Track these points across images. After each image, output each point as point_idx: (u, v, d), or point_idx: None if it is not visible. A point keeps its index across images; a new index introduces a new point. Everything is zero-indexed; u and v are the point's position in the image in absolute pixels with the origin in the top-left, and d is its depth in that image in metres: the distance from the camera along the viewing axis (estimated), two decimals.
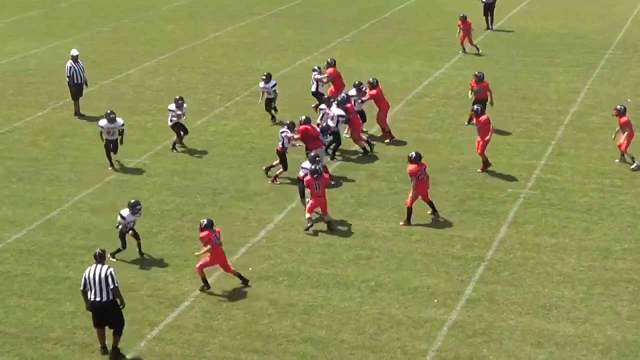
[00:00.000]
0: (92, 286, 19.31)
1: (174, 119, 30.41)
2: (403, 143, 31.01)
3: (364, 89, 31.41)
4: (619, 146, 29.08)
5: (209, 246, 21.97)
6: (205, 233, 21.94)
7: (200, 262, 22.20)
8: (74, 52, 34.28)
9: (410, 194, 25.31)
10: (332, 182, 27.34)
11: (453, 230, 25.17)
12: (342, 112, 29.53)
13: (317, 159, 25.83)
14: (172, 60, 41.54)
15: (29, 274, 23.22)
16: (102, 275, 19.26)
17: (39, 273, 23.22)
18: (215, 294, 22.12)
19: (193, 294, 22.11)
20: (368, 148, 30.27)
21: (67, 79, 34.07)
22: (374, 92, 31.14)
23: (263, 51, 42.81)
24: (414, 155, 25.36)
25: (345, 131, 31.09)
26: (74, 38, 44.84)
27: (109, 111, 28.94)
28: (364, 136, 30.90)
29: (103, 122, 28.83)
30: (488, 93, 31.77)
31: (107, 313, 19.44)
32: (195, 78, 38.74)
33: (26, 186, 28.21)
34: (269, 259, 23.75)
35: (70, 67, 33.91)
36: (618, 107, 29.08)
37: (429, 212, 25.72)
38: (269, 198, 27.12)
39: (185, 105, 30.63)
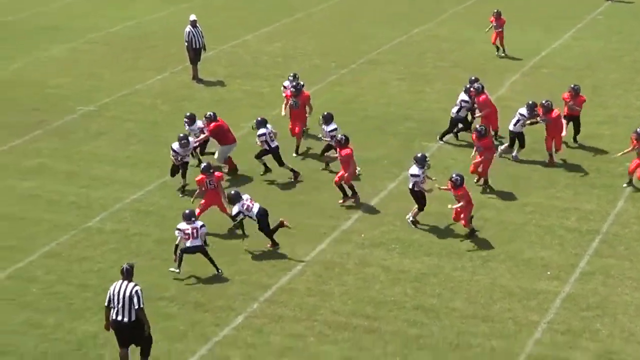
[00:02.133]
0: (116, 304, 17.63)
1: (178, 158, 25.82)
2: None
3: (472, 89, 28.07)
4: (630, 172, 25.49)
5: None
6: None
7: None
8: (193, 17, 34.59)
9: (340, 174, 24.66)
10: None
11: (568, 202, 24.79)
12: (466, 98, 28.15)
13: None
14: (288, 27, 41.63)
15: (145, 234, 23.64)
16: (127, 293, 17.55)
17: (155, 233, 23.61)
18: (327, 259, 22.20)
19: (306, 258, 22.24)
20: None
21: (186, 44, 34.41)
22: (482, 98, 27.87)
23: (378, 20, 42.57)
24: (344, 139, 24.66)
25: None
26: (191, 3, 45.20)
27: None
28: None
29: None
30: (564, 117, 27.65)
31: (132, 333, 17.77)
32: (310, 45, 38.76)
33: (145, 148, 28.67)
34: (381, 226, 23.72)
35: (189, 32, 34.23)
36: (639, 130, 25.32)
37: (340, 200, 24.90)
38: (384, 166, 27.04)
39: (191, 143, 25.98)
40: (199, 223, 21.54)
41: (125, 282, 17.65)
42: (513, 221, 23.89)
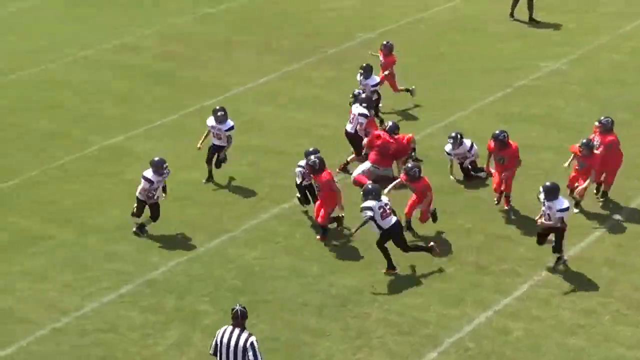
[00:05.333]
0: (225, 355, 15.45)
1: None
2: None
3: None
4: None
5: None
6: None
7: None
8: None
9: None
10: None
11: None
12: None
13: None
14: None
15: None
16: (241, 344, 15.35)
17: None
18: (629, 228, 20.45)
19: (604, 225, 20.62)
20: None
21: None
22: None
23: None
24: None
25: None
26: None
27: None
28: None
29: None
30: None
31: None
32: None
33: (426, 84, 27.23)
34: None
35: None
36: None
37: None
38: None
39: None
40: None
41: (238, 330, 15.46)
42: None
